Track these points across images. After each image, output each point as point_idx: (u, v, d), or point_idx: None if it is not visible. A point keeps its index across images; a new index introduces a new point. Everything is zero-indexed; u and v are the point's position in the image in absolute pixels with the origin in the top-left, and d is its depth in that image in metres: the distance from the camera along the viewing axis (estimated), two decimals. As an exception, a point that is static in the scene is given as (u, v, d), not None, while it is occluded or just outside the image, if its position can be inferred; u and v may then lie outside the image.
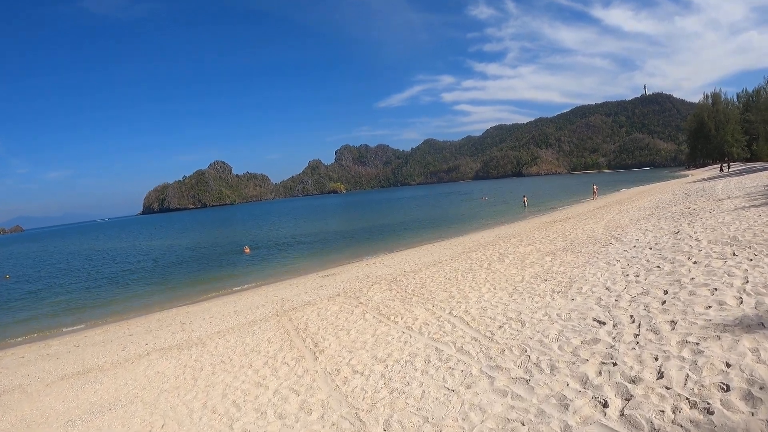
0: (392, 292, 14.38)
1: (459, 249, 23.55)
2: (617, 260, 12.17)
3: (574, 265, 12.69)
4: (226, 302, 20.61)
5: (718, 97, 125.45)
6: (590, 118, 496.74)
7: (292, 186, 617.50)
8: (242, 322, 15.20)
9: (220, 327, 15.38)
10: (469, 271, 15.38)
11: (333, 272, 23.84)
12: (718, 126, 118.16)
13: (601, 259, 12.71)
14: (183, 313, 20.34)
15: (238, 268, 32.21)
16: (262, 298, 19.27)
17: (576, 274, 11.52)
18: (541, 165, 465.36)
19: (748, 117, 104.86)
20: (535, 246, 18.28)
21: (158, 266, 37.77)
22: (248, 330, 13.67)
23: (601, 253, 13.66)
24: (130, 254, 54.01)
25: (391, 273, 18.88)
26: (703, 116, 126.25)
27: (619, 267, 11.35)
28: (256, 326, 13.91)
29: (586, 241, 17.12)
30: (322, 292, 17.46)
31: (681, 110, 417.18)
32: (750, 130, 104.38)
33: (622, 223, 21.19)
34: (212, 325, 15.96)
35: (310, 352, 9.64)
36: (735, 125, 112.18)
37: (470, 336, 8.26)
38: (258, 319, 15.15)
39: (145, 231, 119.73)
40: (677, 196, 31.10)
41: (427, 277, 15.77)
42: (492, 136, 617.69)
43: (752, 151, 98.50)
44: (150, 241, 74.22)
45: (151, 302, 24.66)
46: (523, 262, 14.87)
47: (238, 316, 16.51)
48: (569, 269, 12.29)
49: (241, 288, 24.90)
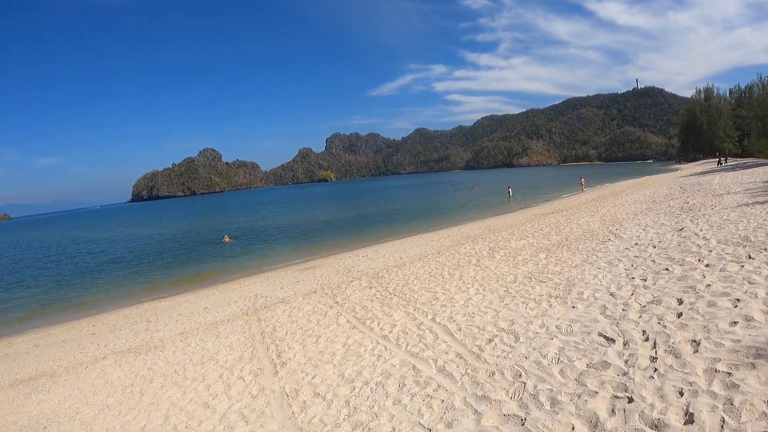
0: (372, 290, 13.18)
1: (447, 241, 22.37)
2: (619, 260, 11.06)
3: (571, 264, 11.56)
4: (199, 297, 19.33)
5: (711, 92, 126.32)
6: (582, 110, 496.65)
7: (282, 174, 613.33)
8: (209, 322, 13.96)
9: (185, 327, 14.14)
10: (457, 267, 14.20)
11: (314, 265, 22.58)
12: (710, 121, 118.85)
13: (601, 258, 11.59)
14: (152, 309, 19.05)
15: (216, 259, 30.79)
16: (236, 293, 18.01)
17: (574, 274, 10.38)
18: (531, 156, 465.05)
19: (740, 113, 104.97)
20: (528, 240, 17.15)
21: (136, 257, 36.19)
22: (213, 332, 12.43)
23: (601, 251, 12.54)
24: (110, 244, 52.30)
25: (374, 267, 17.67)
26: (695, 111, 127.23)
27: (622, 268, 10.25)
28: (222, 327, 12.67)
29: (582, 236, 16.01)
30: (299, 288, 16.23)
31: (673, 104, 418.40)
32: (742, 126, 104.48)
33: (619, 217, 20.16)
34: (178, 324, 14.72)
35: (270, 365, 8.41)
36: (727, 120, 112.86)
37: (454, 351, 7.06)
38: (226, 318, 13.91)
39: (130, 219, 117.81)
40: (673, 190, 30.23)
41: (411, 274, 14.59)
42: (483, 126, 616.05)
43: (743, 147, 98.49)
44: (133, 230, 72.39)
45: (122, 296, 23.35)
46: (515, 259, 13.72)
47: (207, 314, 15.26)
48: (566, 269, 11.15)
49: (217, 281, 23.59)
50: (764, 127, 77.14)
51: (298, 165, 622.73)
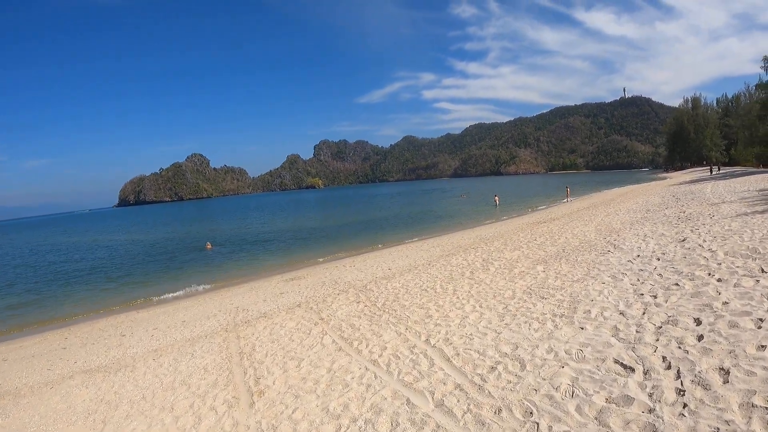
0: (360, 305, 12.34)
1: (437, 251, 21.60)
2: (624, 273, 10.38)
3: (572, 278, 10.84)
4: (178, 309, 18.35)
5: (698, 101, 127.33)
6: (569, 119, 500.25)
7: (270, 180, 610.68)
8: (186, 338, 13.06)
9: (160, 343, 13.23)
10: (450, 280, 13.41)
11: (299, 275, 21.68)
12: (698, 130, 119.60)
13: (603, 272, 10.89)
14: (129, 321, 18.05)
15: (197, 268, 29.69)
16: (216, 306, 17.08)
17: (578, 290, 9.65)
18: (519, 164, 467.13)
19: (727, 122, 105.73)
20: (523, 251, 16.43)
21: (116, 265, 34.92)
22: (188, 350, 11.54)
23: (602, 264, 11.85)
24: (91, 250, 50.78)
25: (362, 279, 16.83)
26: (682, 120, 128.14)
27: (628, 282, 9.56)
28: (198, 345, 11.78)
29: (579, 247, 15.34)
30: (282, 301, 15.35)
31: (659, 114, 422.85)
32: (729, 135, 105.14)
33: (615, 226, 19.55)
34: (153, 340, 13.78)
35: (247, 393, 7.55)
36: (714, 129, 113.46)
37: (453, 381, 6.27)
38: (204, 334, 13.02)
39: (115, 224, 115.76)
40: (665, 198, 29.82)
41: (401, 287, 13.78)
42: (471, 134, 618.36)
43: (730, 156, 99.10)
44: (116, 236, 70.80)
45: (99, 307, 22.22)
46: (511, 272, 12.97)
47: (184, 329, 14.34)
48: (568, 283, 10.43)
49: (197, 291, 22.63)
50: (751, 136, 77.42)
51: (286, 171, 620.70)
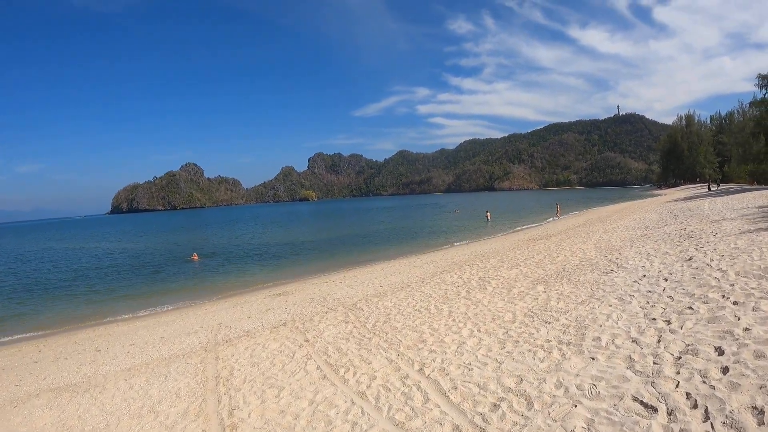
0: (348, 326, 11.53)
1: (431, 268, 20.84)
2: (631, 295, 9.68)
3: (576, 300, 10.12)
4: (158, 323, 17.45)
5: (692, 118, 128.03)
6: (563, 135, 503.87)
7: (263, 192, 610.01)
8: (162, 357, 12.22)
9: (134, 361, 12.37)
10: (445, 300, 12.64)
11: (287, 290, 20.82)
12: (691, 147, 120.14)
13: (609, 293, 10.18)
14: (107, 334, 17.15)
15: (182, 280, 28.77)
16: (198, 322, 16.20)
17: (583, 313, 8.94)
18: (513, 180, 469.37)
19: (721, 139, 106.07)
20: (521, 269, 15.71)
21: (100, 274, 33.75)
22: (163, 371, 10.71)
23: (607, 285, 11.14)
24: (78, 258, 49.58)
25: (352, 296, 16.01)
26: (676, 137, 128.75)
27: (637, 305, 8.87)
28: (174, 366, 10.94)
29: (580, 266, 14.64)
30: (267, 319, 14.51)
31: (653, 131, 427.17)
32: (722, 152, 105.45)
33: (614, 244, 18.90)
34: (128, 358, 12.92)
35: (218, 427, 6.74)
36: (708, 147, 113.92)
37: (451, 421, 5.50)
38: (182, 352, 12.18)
39: (105, 232, 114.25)
40: (663, 215, 29.25)
41: (393, 306, 13.00)
42: (465, 149, 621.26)
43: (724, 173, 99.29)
44: (104, 244, 69.44)
45: (79, 317, 21.33)
46: (509, 292, 12.23)
47: (162, 346, 13.48)
48: (572, 305, 9.71)
49: (180, 305, 21.70)
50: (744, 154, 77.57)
51: (280, 183, 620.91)
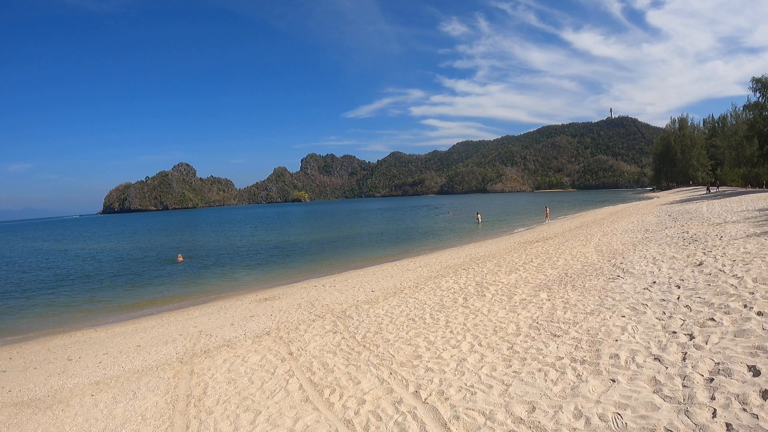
0: (337, 336, 10.60)
1: (425, 272, 19.94)
2: (644, 304, 8.90)
3: (585, 310, 9.31)
4: (137, 329, 16.39)
5: (685, 122, 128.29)
6: (556, 138, 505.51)
7: (256, 192, 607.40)
8: (135, 368, 11.26)
9: (105, 373, 11.40)
10: (441, 308, 11.75)
11: (274, 294, 19.81)
12: (684, 150, 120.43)
13: (620, 302, 9.39)
14: (82, 341, 16.11)
15: (165, 282, 27.60)
16: (178, 328, 15.18)
17: (594, 325, 8.12)
18: (505, 182, 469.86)
19: (714, 142, 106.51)
20: (520, 274, 14.87)
21: (83, 277, 32.15)
22: (132, 385, 9.77)
23: (615, 292, 10.35)
24: (63, 259, 48.05)
25: (341, 302, 15.05)
26: (669, 140, 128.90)
27: (652, 316, 8.10)
28: (145, 380, 9.99)
29: (583, 271, 13.84)
30: (251, 326, 13.54)
31: (645, 134, 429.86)
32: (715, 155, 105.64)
33: (616, 247, 18.18)
34: (99, 369, 11.94)
35: (181, 461, 5.88)
36: (701, 150, 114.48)
37: (454, 463, 4.65)
38: (156, 364, 11.22)
39: (94, 231, 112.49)
40: (661, 218, 28.70)
41: (385, 314, 12.07)
42: (458, 151, 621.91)
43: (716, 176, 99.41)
44: (91, 244, 67.64)
45: (58, 322, 20.21)
46: (511, 299, 11.36)
47: (136, 356, 12.50)
48: (581, 316, 8.89)
49: (162, 309, 20.64)
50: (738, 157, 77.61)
51: (272, 184, 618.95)
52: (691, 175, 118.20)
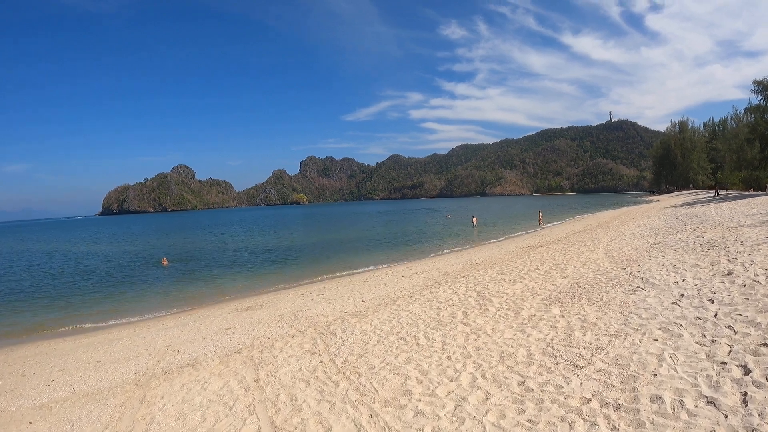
0: (314, 358, 9.03)
1: (421, 280, 18.41)
2: (678, 324, 7.52)
3: (607, 330, 7.86)
4: (103, 341, 14.82)
5: (685, 125, 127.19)
6: (555, 141, 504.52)
7: (255, 195, 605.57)
8: (86, 390, 9.75)
9: (54, 394, 9.90)
10: (437, 325, 10.20)
11: (258, 303, 18.20)
12: (685, 153, 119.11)
13: (648, 320, 7.96)
14: (44, 353, 14.47)
15: (145, 287, 26.06)
16: (147, 341, 13.62)
17: (623, 352, 6.69)
18: (505, 185, 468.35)
19: (714, 145, 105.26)
20: (526, 284, 13.38)
21: (63, 281, 30.24)
22: (74, 414, 8.29)
23: (639, 307, 8.92)
24: (46, 261, 46.16)
25: (327, 314, 13.46)
26: (669, 143, 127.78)
27: (691, 340, 6.73)
28: (89, 407, 8.50)
29: (596, 280, 12.37)
30: (223, 342, 11.99)
31: (644, 137, 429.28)
32: (716, 159, 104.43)
33: (627, 253, 16.76)
34: (49, 389, 10.40)
35: None
36: (701, 153, 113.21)
37: None
38: (109, 386, 9.72)
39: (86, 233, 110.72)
40: (669, 221, 27.34)
41: (373, 331, 10.51)
42: (457, 154, 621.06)
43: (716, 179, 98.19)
44: (78, 246, 65.34)
45: (27, 329, 18.69)
46: (518, 315, 9.86)
47: (92, 374, 10.95)
48: (604, 338, 7.44)
49: (134, 317, 19.04)
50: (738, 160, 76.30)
51: (271, 186, 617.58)
52: (691, 179, 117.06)
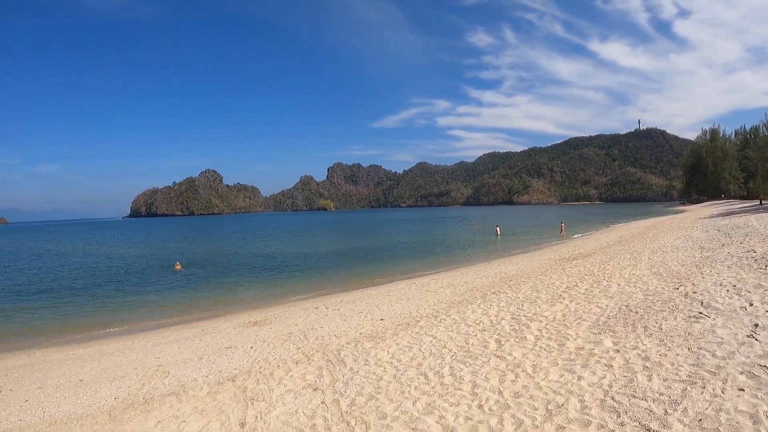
0: (316, 397, 7.43)
1: (447, 295, 16.76)
2: (765, 367, 5.97)
3: (677, 373, 6.32)
4: (94, 355, 13.41)
5: (716, 133, 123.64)
6: (583, 150, 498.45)
7: (281, 200, 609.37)
8: (54, 418, 8.35)
9: (21, 420, 8.49)
10: (466, 356, 8.51)
11: (267, 317, 16.62)
12: (716, 162, 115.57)
13: (725, 361, 6.52)
14: (30, 365, 13.09)
15: (153, 294, 24.87)
16: (139, 358, 12.18)
17: (706, 409, 5.17)
18: (532, 194, 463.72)
19: (746, 154, 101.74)
20: (566, 305, 11.72)
21: (72, 285, 28.73)
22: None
23: (710, 341, 7.39)
24: (61, 262, 45.32)
25: (339, 336, 11.88)
26: (700, 151, 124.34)
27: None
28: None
29: (647, 302, 10.72)
30: (219, 365, 10.43)
31: (674, 146, 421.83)
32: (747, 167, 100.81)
33: (675, 269, 15.10)
34: (19, 411, 8.98)
35: None
36: (733, 162, 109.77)
37: None
38: (81, 415, 8.30)
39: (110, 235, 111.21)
40: (710, 233, 25.57)
41: (389, 362, 8.85)
42: (485, 162, 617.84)
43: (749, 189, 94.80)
44: (96, 248, 64.45)
45: (25, 335, 17.61)
46: (562, 348, 8.22)
47: (68, 396, 9.53)
48: (677, 387, 5.87)
49: (133, 328, 17.63)
50: (772, 169, 73.33)
51: (298, 192, 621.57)
52: (723, 188, 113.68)
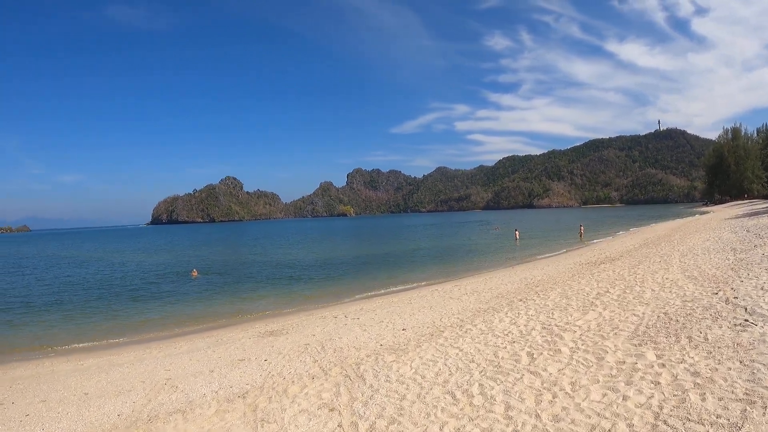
0: (333, 418, 6.71)
1: (472, 302, 16.02)
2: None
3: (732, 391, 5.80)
4: (103, 366, 12.86)
5: (738, 132, 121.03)
6: (603, 152, 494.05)
7: (302, 206, 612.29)
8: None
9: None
10: (496, 371, 7.78)
11: (284, 326, 16.02)
12: (738, 161, 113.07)
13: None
14: (37, 375, 12.53)
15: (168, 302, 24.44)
16: (147, 371, 11.57)
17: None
18: (552, 197, 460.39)
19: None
20: (599, 312, 10.96)
21: (86, 293, 28.79)
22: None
23: (762, 351, 6.80)
24: (79, 269, 45.54)
25: (360, 346, 11.21)
26: (722, 151, 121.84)
27: None
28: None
29: (686, 309, 9.98)
30: (231, 379, 9.82)
31: (695, 146, 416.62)
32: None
33: (710, 272, 14.35)
34: (17, 427, 8.57)
35: None
36: (755, 161, 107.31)
37: None
38: None
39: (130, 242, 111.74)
40: (740, 234, 24.67)
41: (412, 378, 8.13)
42: (504, 166, 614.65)
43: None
44: (114, 256, 63.98)
45: (38, 341, 17.62)
46: (600, 361, 7.48)
47: (70, 412, 8.93)
48: (733, 407, 5.28)
49: (144, 338, 17.44)
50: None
51: (318, 198, 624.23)
52: (746, 188, 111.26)
